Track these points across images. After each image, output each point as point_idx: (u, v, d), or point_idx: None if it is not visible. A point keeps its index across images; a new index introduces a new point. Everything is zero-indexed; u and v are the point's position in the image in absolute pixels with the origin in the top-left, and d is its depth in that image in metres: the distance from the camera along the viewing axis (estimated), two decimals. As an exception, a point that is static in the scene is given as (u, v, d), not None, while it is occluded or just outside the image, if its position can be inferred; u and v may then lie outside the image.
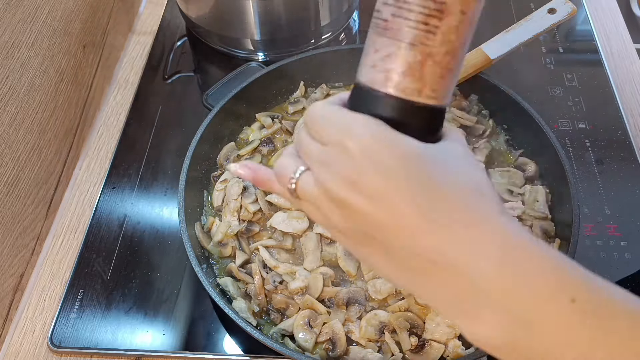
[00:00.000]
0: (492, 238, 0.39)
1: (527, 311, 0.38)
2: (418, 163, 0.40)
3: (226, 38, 1.16)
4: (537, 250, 0.39)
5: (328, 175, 0.42)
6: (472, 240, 0.39)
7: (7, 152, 0.84)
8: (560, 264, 0.39)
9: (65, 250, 0.91)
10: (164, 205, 0.95)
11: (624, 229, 0.89)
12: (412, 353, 0.72)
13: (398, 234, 0.40)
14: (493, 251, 0.38)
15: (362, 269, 0.79)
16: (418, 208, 0.39)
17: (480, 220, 0.39)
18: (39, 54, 0.92)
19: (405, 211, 0.39)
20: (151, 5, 1.31)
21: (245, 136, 0.98)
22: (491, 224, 0.39)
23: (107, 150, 1.04)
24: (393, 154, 0.40)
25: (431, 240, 0.39)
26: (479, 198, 0.40)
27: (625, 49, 1.18)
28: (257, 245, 0.83)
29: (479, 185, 0.41)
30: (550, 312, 0.37)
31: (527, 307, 0.38)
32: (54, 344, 0.80)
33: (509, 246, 0.39)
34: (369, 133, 0.41)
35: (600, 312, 0.37)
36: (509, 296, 0.38)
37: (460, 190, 0.40)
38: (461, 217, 0.39)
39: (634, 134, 1.01)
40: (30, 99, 0.89)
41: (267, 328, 0.76)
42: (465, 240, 0.39)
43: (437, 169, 0.40)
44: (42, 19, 0.92)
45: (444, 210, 0.39)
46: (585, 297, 0.37)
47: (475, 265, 0.38)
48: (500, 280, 0.38)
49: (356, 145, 0.41)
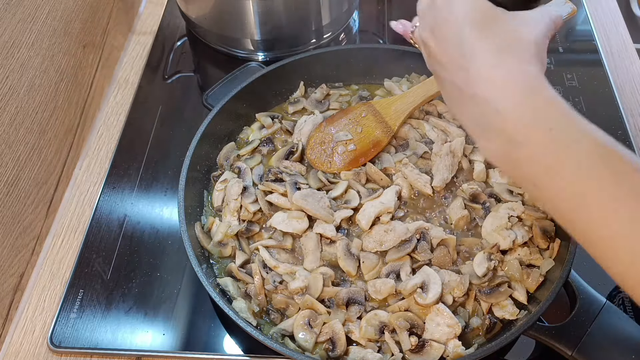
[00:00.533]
0: (510, 79, 0.53)
1: (515, 133, 0.53)
2: (483, 16, 0.56)
3: (226, 38, 1.16)
4: (540, 92, 0.53)
5: (422, 21, 0.62)
6: (494, 79, 0.54)
7: (7, 152, 0.84)
8: (553, 104, 0.53)
9: (65, 250, 0.91)
10: (164, 205, 0.95)
11: (624, 229, 0.89)
12: (412, 353, 0.72)
13: (448, 70, 0.58)
14: (505, 89, 0.53)
15: (362, 268, 0.79)
16: (464, 51, 0.56)
17: (505, 65, 0.54)
18: (39, 54, 0.92)
19: (455, 53, 0.57)
20: (151, 5, 1.31)
21: (245, 136, 0.98)
22: (513, 70, 0.54)
23: (107, 150, 1.04)
24: (464, 7, 0.57)
25: (464, 76, 0.56)
26: (516, 49, 0.55)
27: (625, 49, 1.18)
28: (257, 245, 0.83)
29: (525, 40, 0.56)
30: (532, 136, 0.52)
31: (515, 131, 0.53)
32: (54, 344, 0.80)
33: (520, 87, 0.53)
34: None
35: (570, 137, 0.51)
36: (506, 123, 0.53)
37: (500, 41, 0.55)
38: (491, 59, 0.54)
39: (634, 134, 1.01)
40: (30, 99, 0.89)
41: (267, 328, 0.76)
42: (495, 78, 0.54)
43: (498, 24, 0.56)
44: (42, 19, 0.92)
45: (477, 53, 0.55)
46: (562, 128, 0.51)
47: (490, 98, 0.54)
48: (505, 111, 0.53)
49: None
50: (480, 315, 0.77)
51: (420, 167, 0.89)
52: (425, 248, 0.79)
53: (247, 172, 0.90)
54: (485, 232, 0.82)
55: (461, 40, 0.56)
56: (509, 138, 0.53)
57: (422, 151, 0.91)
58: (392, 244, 0.80)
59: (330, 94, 1.02)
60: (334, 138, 0.93)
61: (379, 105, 0.94)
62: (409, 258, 0.80)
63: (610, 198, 0.48)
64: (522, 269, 0.78)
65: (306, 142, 0.94)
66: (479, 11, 0.57)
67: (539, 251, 0.80)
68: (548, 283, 0.76)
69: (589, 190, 0.49)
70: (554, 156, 0.51)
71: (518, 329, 0.71)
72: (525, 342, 0.78)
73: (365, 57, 1.01)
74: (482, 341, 0.74)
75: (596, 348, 0.70)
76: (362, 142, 0.92)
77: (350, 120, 0.95)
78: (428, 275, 0.76)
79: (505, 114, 0.53)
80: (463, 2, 0.57)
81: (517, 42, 0.55)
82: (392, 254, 0.80)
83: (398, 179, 0.88)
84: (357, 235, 0.83)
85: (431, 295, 0.74)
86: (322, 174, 0.89)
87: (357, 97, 1.00)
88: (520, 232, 0.80)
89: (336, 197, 0.86)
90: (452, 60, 0.57)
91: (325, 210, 0.83)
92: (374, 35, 1.24)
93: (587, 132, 0.51)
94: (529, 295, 0.77)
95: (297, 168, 0.91)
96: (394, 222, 0.82)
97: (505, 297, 0.76)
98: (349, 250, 0.80)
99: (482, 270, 0.77)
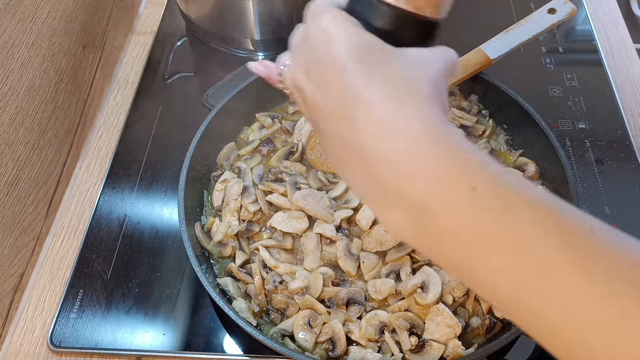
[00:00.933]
0: (408, 126, 0.39)
1: (424, 197, 0.38)
2: (370, 53, 0.42)
3: (226, 38, 1.16)
4: (449, 142, 0.39)
5: (295, 61, 0.48)
6: (387, 129, 0.40)
7: (7, 152, 0.84)
8: (470, 157, 0.39)
9: (65, 250, 0.91)
10: (164, 205, 0.95)
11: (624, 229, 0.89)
12: (412, 353, 0.72)
13: (329, 120, 0.44)
14: (402, 141, 0.39)
15: (362, 268, 0.79)
16: (348, 96, 0.42)
17: (400, 110, 0.40)
18: (39, 54, 0.92)
19: (337, 99, 0.42)
20: (151, 5, 1.31)
21: (245, 136, 0.98)
22: (412, 115, 0.40)
23: (107, 150, 1.04)
24: (346, 42, 0.42)
25: (350, 128, 0.41)
26: (411, 90, 0.41)
27: (625, 49, 1.18)
28: (257, 245, 0.83)
29: (423, 81, 0.42)
30: (449, 199, 0.38)
31: (425, 194, 0.38)
32: (54, 344, 0.80)
33: (422, 137, 0.39)
34: (330, 22, 0.44)
35: (504, 197, 0.37)
36: (410, 184, 0.39)
37: (391, 82, 0.41)
38: (382, 105, 0.40)
39: (634, 134, 1.01)
40: (30, 99, 0.89)
41: (267, 328, 0.76)
42: (390, 127, 0.40)
43: (388, 62, 0.42)
44: (42, 19, 0.92)
45: (364, 98, 0.41)
46: (489, 185, 0.38)
47: (382, 154, 0.40)
48: (405, 169, 0.39)
49: (316, 32, 0.44)
50: (480, 315, 0.77)
51: (420, 167, 0.89)
52: (425, 248, 0.79)
53: (247, 172, 0.90)
54: (485, 232, 0.82)
55: (344, 83, 0.42)
56: (417, 205, 0.38)
57: (422, 151, 0.91)
58: (392, 244, 0.80)
59: (330, 94, 1.02)
60: (334, 138, 0.93)
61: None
62: (409, 258, 0.80)
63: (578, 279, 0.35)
64: (522, 269, 0.78)
65: (306, 142, 0.94)
66: (365, 47, 0.42)
67: (539, 251, 0.80)
68: (548, 283, 0.76)
69: (544, 267, 0.35)
70: (486, 225, 0.37)
71: (518, 329, 0.71)
72: (525, 342, 0.78)
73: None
74: (482, 341, 0.74)
75: (596, 348, 0.70)
76: (362, 142, 0.92)
77: (350, 120, 0.95)
78: (428, 275, 0.76)
79: (407, 173, 0.38)
80: (344, 35, 0.43)
81: (414, 84, 0.41)
82: (392, 254, 0.80)
83: (398, 179, 0.88)
84: (357, 235, 0.83)
85: (431, 295, 0.74)
86: (322, 174, 0.89)
87: (357, 97, 1.00)
88: (521, 232, 0.80)
89: (336, 197, 0.86)
90: (333, 108, 0.43)
91: (325, 210, 0.83)
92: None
93: (522, 189, 0.38)
94: (529, 295, 0.77)
95: (297, 168, 0.91)
96: (394, 222, 0.82)
97: (505, 297, 0.76)
98: (349, 250, 0.80)
99: (482, 270, 0.77)
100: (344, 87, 0.42)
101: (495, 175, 0.38)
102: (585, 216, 0.38)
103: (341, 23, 0.43)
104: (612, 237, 0.37)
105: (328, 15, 0.44)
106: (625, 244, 0.37)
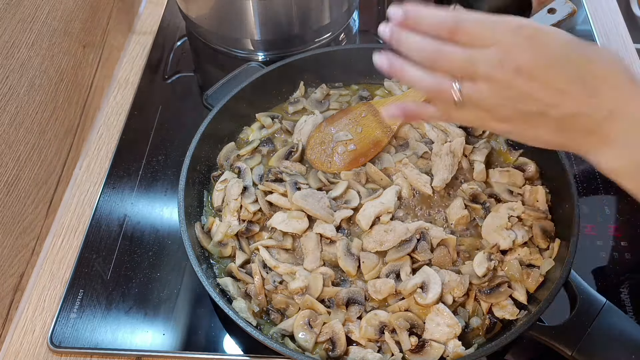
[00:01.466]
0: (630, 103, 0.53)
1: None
2: (575, 48, 0.54)
3: (226, 38, 1.16)
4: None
5: (499, 70, 0.53)
6: (617, 105, 0.53)
7: (7, 152, 0.84)
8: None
9: (65, 250, 0.91)
10: (164, 205, 0.95)
11: (624, 229, 0.89)
12: (412, 353, 0.72)
13: (565, 107, 0.54)
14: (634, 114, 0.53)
15: (362, 268, 0.79)
16: (580, 85, 0.53)
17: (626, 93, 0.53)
18: (39, 54, 0.92)
19: (568, 89, 0.53)
20: (151, 5, 1.31)
21: (245, 136, 0.98)
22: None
23: (107, 150, 1.04)
24: (556, 42, 0.54)
25: (589, 106, 0.53)
26: (619, 73, 0.54)
27: (625, 49, 1.18)
28: (257, 245, 0.83)
29: (615, 64, 0.55)
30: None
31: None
32: (54, 344, 0.80)
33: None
34: (532, 26, 0.54)
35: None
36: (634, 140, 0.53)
37: (603, 68, 0.54)
38: (608, 89, 0.53)
39: (634, 134, 1.01)
40: (30, 99, 0.89)
41: (267, 328, 0.76)
42: (612, 104, 0.53)
43: (587, 53, 0.54)
44: (42, 19, 0.92)
45: (594, 83, 0.53)
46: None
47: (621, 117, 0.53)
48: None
49: (524, 38, 0.53)
50: (480, 315, 0.77)
51: (420, 167, 0.89)
52: (425, 248, 0.79)
53: (247, 172, 0.90)
54: (485, 232, 0.82)
55: (577, 69, 0.53)
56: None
57: (422, 151, 0.91)
58: (392, 244, 0.80)
59: (330, 94, 1.02)
60: (334, 138, 0.93)
61: (379, 105, 0.94)
62: (409, 258, 0.80)
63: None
64: (522, 269, 0.78)
65: (306, 142, 0.94)
66: (574, 38, 0.55)
67: (539, 251, 0.80)
68: (548, 283, 0.76)
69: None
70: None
71: (518, 329, 0.71)
72: (525, 342, 0.78)
73: (365, 57, 1.00)
74: (482, 341, 0.74)
75: (596, 348, 0.70)
76: (362, 142, 0.92)
77: (350, 120, 0.95)
78: (428, 275, 0.76)
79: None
80: (556, 34, 0.54)
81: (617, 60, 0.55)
82: (392, 254, 0.80)
83: (398, 179, 0.88)
84: (357, 235, 0.83)
85: (431, 295, 0.74)
86: (322, 174, 0.89)
87: (357, 97, 1.00)
88: (520, 232, 0.80)
89: (336, 197, 0.86)
90: (570, 93, 0.53)
91: (325, 210, 0.83)
92: (374, 35, 1.24)
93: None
94: (529, 295, 0.77)
95: (297, 168, 0.91)
96: (394, 222, 0.82)
97: (505, 297, 0.76)
98: (349, 250, 0.80)
99: (482, 270, 0.77)
100: (579, 72, 0.54)
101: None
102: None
103: (534, 23, 0.56)
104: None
105: (516, 19, 0.55)
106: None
